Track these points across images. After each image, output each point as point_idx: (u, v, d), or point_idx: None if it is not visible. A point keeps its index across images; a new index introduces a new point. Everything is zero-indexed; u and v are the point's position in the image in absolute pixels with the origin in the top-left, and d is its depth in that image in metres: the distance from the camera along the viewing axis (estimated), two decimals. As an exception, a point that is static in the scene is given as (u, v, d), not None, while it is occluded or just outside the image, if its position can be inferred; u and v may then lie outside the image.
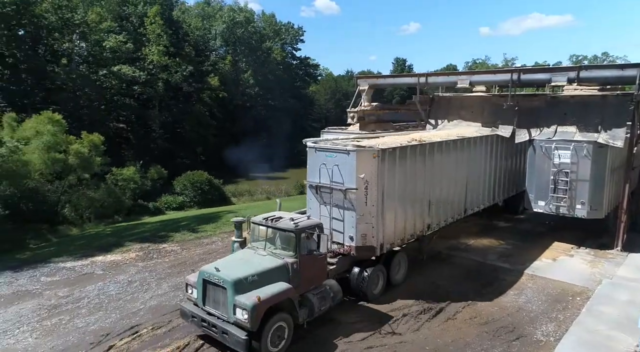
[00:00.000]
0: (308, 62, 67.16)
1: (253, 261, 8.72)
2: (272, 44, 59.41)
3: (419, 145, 11.51)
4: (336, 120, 46.82)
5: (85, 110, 34.07)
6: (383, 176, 10.34)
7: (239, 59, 54.34)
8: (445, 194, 12.89)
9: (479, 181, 14.74)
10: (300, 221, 9.05)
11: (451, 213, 13.42)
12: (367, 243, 10.36)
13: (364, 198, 10.17)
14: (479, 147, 14.51)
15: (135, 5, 42.67)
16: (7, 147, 20.20)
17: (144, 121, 40.23)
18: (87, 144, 24.90)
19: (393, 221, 10.91)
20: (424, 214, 12.08)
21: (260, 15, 62.79)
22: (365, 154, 10.14)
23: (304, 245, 8.87)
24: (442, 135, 13.94)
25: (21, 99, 31.26)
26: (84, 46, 35.93)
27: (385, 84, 25.63)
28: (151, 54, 39.38)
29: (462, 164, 13.52)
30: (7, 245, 17.99)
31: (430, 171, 12.05)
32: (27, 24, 32.09)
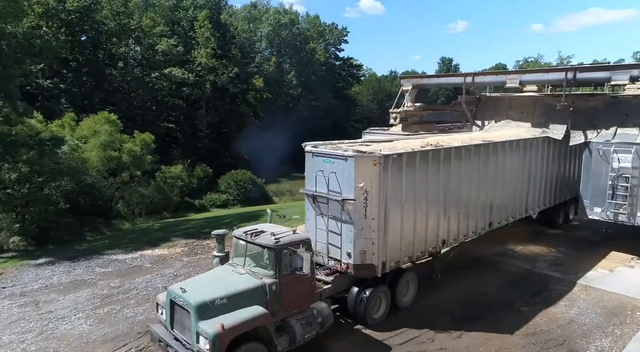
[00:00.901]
0: (351, 63, 67.01)
1: (227, 281, 7.77)
2: (315, 45, 59.82)
3: (432, 150, 10.25)
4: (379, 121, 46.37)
5: (138, 110, 35.91)
6: (386, 186, 9.18)
7: (283, 60, 55.17)
8: (466, 205, 11.49)
9: (508, 190, 13.23)
10: (283, 236, 8.01)
11: (472, 227, 11.95)
12: (367, 261, 9.22)
13: (363, 210, 9.03)
14: (511, 151, 13.11)
15: (186, 10, 44.46)
16: (69, 145, 21.70)
17: (191, 121, 41.81)
18: (139, 143, 26.28)
19: (399, 237, 9.70)
20: (438, 228, 10.78)
21: (304, 16, 63.43)
22: (365, 160, 9.00)
23: (285, 264, 7.86)
24: (477, 137, 13.07)
25: (82, 100, 33.45)
26: (139, 50, 37.88)
27: (430, 84, 25.09)
28: (200, 57, 40.87)
29: (487, 172, 12.16)
30: (67, 236, 19.37)
31: (447, 180, 10.74)
32: (89, 30, 34.34)
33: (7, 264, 14.37)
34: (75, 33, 33.68)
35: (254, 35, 53.56)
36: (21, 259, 15.18)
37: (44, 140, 19.77)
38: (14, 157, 18.73)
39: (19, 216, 19.35)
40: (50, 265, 13.81)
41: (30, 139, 19.31)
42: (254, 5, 59.42)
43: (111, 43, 36.14)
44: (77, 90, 33.92)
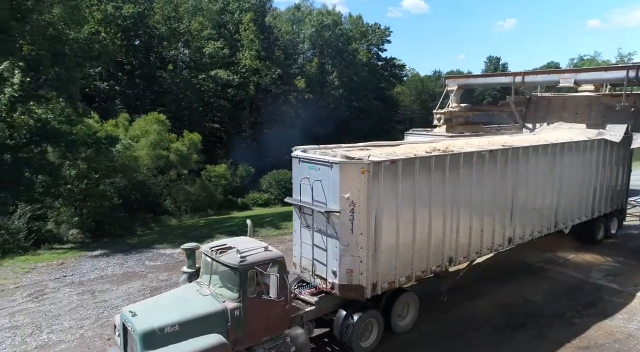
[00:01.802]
0: (394, 63, 66.17)
1: (186, 303, 7.01)
2: (358, 46, 59.61)
3: (435, 157, 9.09)
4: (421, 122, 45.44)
5: (185, 111, 37.36)
6: (377, 197, 8.12)
7: (325, 61, 55.41)
8: (479, 218, 10.23)
9: (533, 201, 11.77)
10: (250, 254, 7.11)
11: (487, 243, 10.58)
12: (354, 281, 8.17)
13: (349, 224, 8.02)
14: (536, 157, 11.62)
15: (232, 13, 45.73)
16: (122, 144, 22.96)
17: (235, 121, 42.95)
18: (186, 143, 27.36)
19: (394, 254, 8.61)
20: (444, 244, 9.59)
21: (347, 17, 63.37)
22: (351, 167, 7.95)
23: (252, 286, 6.95)
24: (525, 140, 12.12)
25: (134, 101, 35.27)
26: (187, 53, 39.40)
27: (476, 84, 24.38)
28: (244, 59, 41.90)
29: (505, 180, 10.78)
30: (119, 231, 20.49)
31: (455, 190, 9.55)
32: (142, 34, 36.13)
33: (67, 255, 15.40)
34: (130, 38, 35.57)
35: (297, 36, 54.19)
36: (79, 250, 16.22)
37: (101, 139, 21.04)
38: (74, 154, 20.04)
39: (77, 210, 20.71)
40: (105, 257, 14.67)
41: (88, 137, 20.61)
42: (298, 7, 60.09)
43: (162, 46, 37.83)
44: (130, 92, 35.79)
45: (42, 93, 19.03)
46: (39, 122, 19.08)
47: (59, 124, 19.67)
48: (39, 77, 18.40)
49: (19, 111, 18.85)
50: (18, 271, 13.15)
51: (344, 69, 55.42)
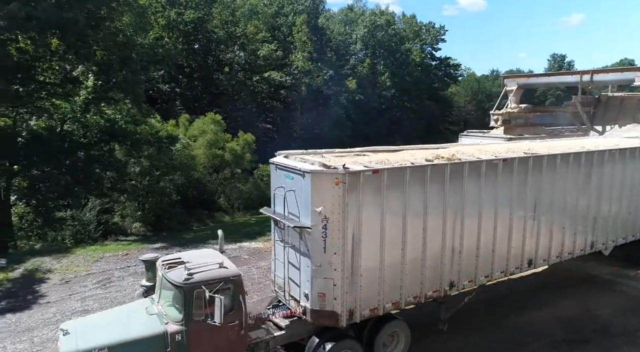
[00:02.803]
0: (448, 62, 64.30)
1: (126, 322, 6.44)
2: (411, 45, 58.55)
3: (430, 166, 7.97)
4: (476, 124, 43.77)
5: (240, 112, 38.58)
6: (355, 211, 7.22)
7: (377, 61, 54.97)
8: (488, 237, 9.01)
9: (561, 217, 10.34)
10: (199, 271, 6.40)
11: (500, 265, 9.36)
12: (327, 307, 7.30)
13: (321, 242, 7.16)
14: (567, 166, 10.23)
15: (286, 16, 46.63)
16: (181, 143, 24.17)
17: (287, 122, 43.71)
18: (241, 142, 28.28)
19: (377, 277, 7.63)
20: (442, 267, 8.46)
21: (400, 17, 62.45)
22: (324, 177, 7.05)
23: (198, 307, 6.21)
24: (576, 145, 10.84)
25: (193, 102, 36.97)
26: (242, 55, 40.67)
27: (538, 83, 23.13)
28: (297, 60, 42.57)
29: (525, 194, 9.52)
30: (177, 226, 21.60)
31: (458, 204, 8.43)
32: (202, 38, 37.79)
33: (131, 247, 16.46)
34: (190, 42, 37.34)
35: (349, 37, 54.20)
36: (141, 243, 17.28)
37: (162, 138, 22.29)
38: (138, 152, 21.40)
39: (140, 205, 22.08)
40: (164, 249, 15.51)
41: (151, 137, 21.91)
42: (351, 8, 60.11)
43: (219, 50, 39.35)
44: (189, 94, 37.56)
45: (112, 95, 20.49)
46: (108, 122, 20.57)
47: (126, 124, 21.09)
48: (109, 80, 19.83)
49: (92, 112, 20.43)
50: (89, 260, 14.25)
51: (396, 70, 54.66)
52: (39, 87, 18.94)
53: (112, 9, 19.81)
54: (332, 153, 8.90)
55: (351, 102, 48.40)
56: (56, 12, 16.67)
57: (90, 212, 19.71)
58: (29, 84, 18.46)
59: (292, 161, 7.98)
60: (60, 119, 19.93)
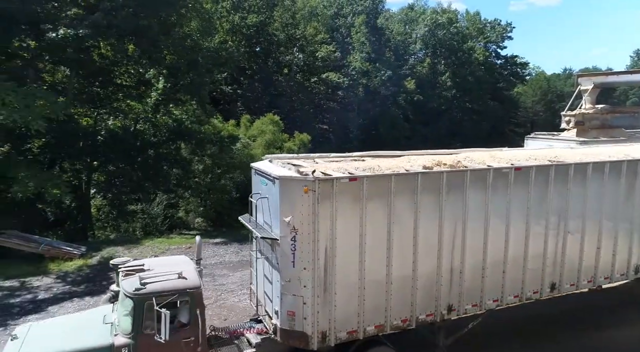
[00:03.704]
0: (515, 61, 61.00)
1: (79, 331, 6.11)
2: (474, 44, 56.32)
3: (421, 173, 7.22)
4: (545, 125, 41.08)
5: (297, 113, 39.26)
6: (328, 223, 6.62)
7: (437, 61, 53.47)
8: (497, 256, 8.04)
9: (593, 233, 9.17)
10: (154, 281, 6.01)
11: (513, 289, 8.38)
12: (296, 327, 6.73)
13: (290, 255, 6.63)
14: (603, 176, 9.04)
15: (345, 17, 46.76)
16: (242, 142, 25.07)
17: (343, 123, 43.80)
18: (297, 143, 28.76)
19: (355, 295, 6.96)
20: (439, 287, 7.62)
21: (463, 15, 60.24)
22: (293, 185, 6.54)
23: (149, 320, 5.79)
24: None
25: (253, 103, 38.20)
26: (301, 57, 41.38)
27: (618, 82, 21.25)
28: (354, 61, 42.54)
29: (543, 205, 8.50)
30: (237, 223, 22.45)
31: (461, 217, 7.62)
32: (263, 41, 38.97)
33: (194, 240, 17.31)
34: (252, 45, 38.63)
35: (409, 37, 53.22)
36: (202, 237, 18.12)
37: (224, 138, 23.27)
38: (202, 151, 22.51)
39: (202, 201, 23.21)
40: (224, 245, 16.19)
41: (213, 136, 22.97)
42: (411, 7, 58.97)
43: (279, 52, 40.33)
44: (250, 95, 38.85)
45: (179, 96, 21.75)
46: (175, 122, 21.86)
47: (191, 124, 22.29)
48: (177, 83, 21.07)
49: (161, 112, 21.82)
50: (156, 251, 15.22)
51: (457, 69, 52.82)
52: (116, 90, 20.58)
53: (182, 15, 21.01)
54: (326, 158, 8.36)
55: (409, 102, 47.48)
56: (133, 20, 17.98)
57: (158, 207, 21.07)
58: (108, 86, 20.12)
59: (268, 166, 7.49)
60: (133, 119, 21.52)
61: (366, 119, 45.04)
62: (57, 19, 17.12)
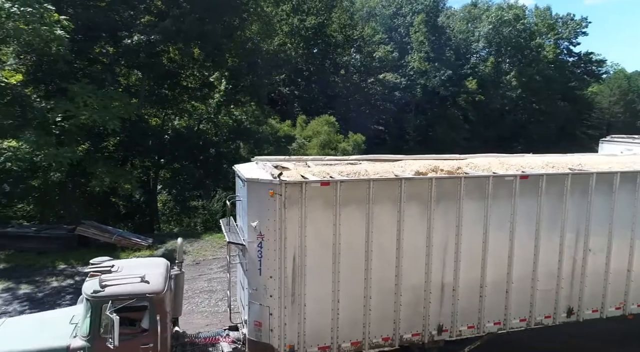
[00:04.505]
0: (589, 58, 56.54)
1: (42, 331, 5.97)
2: (543, 41, 53.00)
3: (404, 179, 6.61)
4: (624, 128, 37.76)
5: (353, 113, 39.23)
6: (296, 229, 6.23)
7: (502, 60, 50.97)
8: (500, 273, 7.29)
9: (621, 253, 8.03)
10: (114, 284, 5.83)
11: (518, 311, 7.48)
12: (263, 338, 6.37)
13: (256, 263, 6.30)
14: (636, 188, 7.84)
15: (404, 17, 46.00)
16: (297, 143, 25.52)
17: (399, 124, 43.11)
18: (351, 143, 28.74)
19: (329, 308, 6.50)
20: (427, 305, 6.94)
21: (532, 10, 56.89)
22: (260, 188, 6.21)
23: (107, 324, 5.55)
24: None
25: (309, 104, 38.73)
26: (358, 58, 41.30)
27: None
28: (412, 61, 41.72)
29: (566, 219, 7.55)
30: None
31: (454, 228, 6.95)
32: (320, 43, 39.41)
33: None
34: (310, 46, 39.18)
35: (472, 35, 51.22)
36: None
37: (280, 137, 23.84)
38: (259, 150, 23.19)
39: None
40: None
41: (270, 136, 23.61)
42: (474, 4, 56.73)
43: (336, 53, 40.56)
44: (307, 96, 39.43)
45: (239, 97, 22.61)
46: (235, 122, 22.75)
47: (250, 124, 23.07)
48: (237, 84, 21.91)
49: (222, 113, 22.81)
50: (215, 246, 15.92)
51: (524, 68, 49.98)
52: (182, 92, 21.81)
53: (244, 20, 21.82)
54: (320, 161, 7.81)
55: (470, 103, 45.72)
56: (199, 25, 18.97)
57: (218, 203, 22.03)
58: (175, 88, 21.38)
59: (247, 167, 7.13)
60: (197, 119, 22.69)
61: (423, 119, 44.00)
62: (132, 27, 18.49)
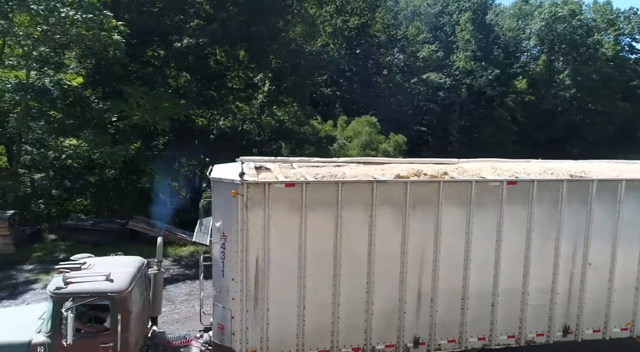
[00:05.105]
0: (654, 55, 52.49)
1: (11, 324, 6.09)
2: (601, 37, 49.87)
3: (375, 182, 6.36)
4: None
5: (395, 114, 38.73)
6: (259, 230, 6.10)
7: (555, 58, 48.47)
8: (484, 284, 6.87)
9: (626, 268, 7.45)
10: (78, 281, 5.82)
11: (506, 326, 7.02)
12: (225, 342, 6.28)
13: (220, 264, 6.27)
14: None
15: (450, 15, 44.85)
16: (338, 143, 25.58)
17: (443, 125, 42.10)
18: (392, 144, 28.43)
19: (294, 315, 6.33)
20: (401, 315, 6.64)
21: (590, 5, 53.64)
22: (223, 188, 6.19)
23: (69, 322, 5.54)
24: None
25: (350, 105, 38.67)
26: (401, 58, 40.75)
27: None
28: (458, 60, 40.61)
29: (562, 228, 7.05)
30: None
31: (432, 235, 6.66)
32: (363, 43, 39.26)
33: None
34: (353, 47, 39.14)
35: (522, 33, 49.13)
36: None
37: (322, 138, 23.98)
38: (300, 151, 23.47)
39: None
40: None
41: (312, 137, 23.81)
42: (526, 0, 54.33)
43: (379, 53, 40.23)
44: (348, 97, 39.39)
45: (282, 98, 22.97)
46: (278, 122, 23.14)
47: (292, 125, 23.39)
48: (280, 85, 22.28)
49: (265, 114, 23.28)
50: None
51: (579, 66, 47.26)
52: (228, 93, 22.48)
53: (288, 22, 22.15)
54: (307, 162, 7.68)
55: (519, 103, 43.86)
56: (244, 28, 19.48)
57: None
58: (221, 90, 22.07)
59: (221, 167, 7.05)
60: (241, 119, 23.29)
61: (468, 120, 42.70)
62: (182, 30, 19.31)
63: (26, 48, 15.65)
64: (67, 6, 14.38)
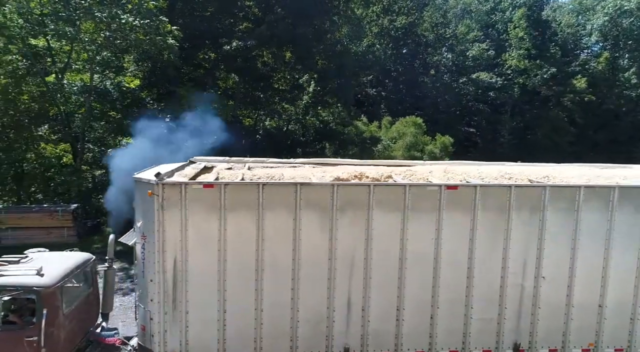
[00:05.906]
0: None
1: None
2: (675, 31, 45.90)
3: (300, 185, 6.17)
4: None
5: (442, 115, 37.79)
6: (178, 232, 6.02)
7: (619, 55, 45.20)
8: (421, 296, 6.56)
9: (591, 282, 6.89)
10: (6, 275, 5.97)
11: (449, 340, 6.62)
12: (146, 343, 6.26)
13: (141, 264, 6.28)
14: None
15: (503, 12, 43.07)
16: (382, 144, 25.35)
17: (493, 126, 40.51)
18: (438, 145, 27.74)
19: (214, 319, 6.18)
20: (333, 324, 6.40)
21: (661, -4, 49.48)
22: (142, 187, 6.16)
23: None
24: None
25: (396, 105, 38.15)
26: (450, 57, 39.66)
27: None
28: (510, 59, 38.93)
29: (513, 236, 6.66)
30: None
31: (362, 242, 6.37)
32: (410, 43, 38.63)
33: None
34: (399, 47, 38.61)
35: (582, 29, 46.24)
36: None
37: (366, 139, 23.88)
38: (344, 151, 23.51)
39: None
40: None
41: (356, 137, 23.76)
42: (587, -7, 51.09)
43: (427, 53, 39.41)
44: (394, 97, 38.90)
45: (326, 99, 23.11)
46: (322, 123, 23.30)
47: (336, 125, 23.47)
48: (325, 86, 22.42)
49: (310, 114, 23.53)
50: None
51: (647, 64, 43.80)
52: (274, 94, 22.95)
53: (334, 23, 22.27)
54: (262, 163, 7.76)
55: (577, 104, 41.30)
56: (291, 30, 19.81)
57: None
58: (267, 91, 22.58)
59: (162, 167, 7.01)
60: (286, 120, 23.69)
61: (520, 121, 40.80)
62: (232, 34, 19.96)
63: (90, 53, 16.87)
64: (127, 13, 15.32)
